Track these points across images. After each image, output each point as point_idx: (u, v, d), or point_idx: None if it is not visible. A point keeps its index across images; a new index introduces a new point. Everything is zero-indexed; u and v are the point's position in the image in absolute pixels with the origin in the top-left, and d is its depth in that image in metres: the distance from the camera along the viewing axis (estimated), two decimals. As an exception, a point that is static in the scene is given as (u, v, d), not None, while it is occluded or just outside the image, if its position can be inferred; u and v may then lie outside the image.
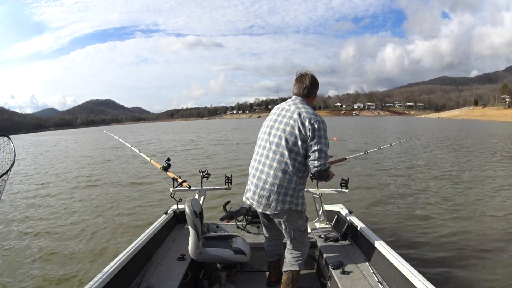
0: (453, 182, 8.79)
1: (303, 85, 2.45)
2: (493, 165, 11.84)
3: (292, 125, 2.30)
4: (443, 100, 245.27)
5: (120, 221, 6.32)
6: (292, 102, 2.43)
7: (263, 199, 2.33)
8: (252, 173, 2.43)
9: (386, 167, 11.57)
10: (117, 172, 12.39)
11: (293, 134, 2.28)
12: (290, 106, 2.41)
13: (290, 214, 2.38)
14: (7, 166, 1.71)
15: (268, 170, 2.32)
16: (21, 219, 6.82)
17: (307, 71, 2.50)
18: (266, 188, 2.31)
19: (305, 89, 2.45)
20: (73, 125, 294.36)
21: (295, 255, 2.56)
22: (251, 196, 2.41)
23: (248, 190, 2.45)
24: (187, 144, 24.49)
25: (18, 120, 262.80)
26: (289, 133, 2.30)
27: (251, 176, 2.43)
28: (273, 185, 2.29)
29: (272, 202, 2.31)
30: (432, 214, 6.09)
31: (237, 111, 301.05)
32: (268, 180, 2.30)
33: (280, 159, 2.29)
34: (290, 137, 2.29)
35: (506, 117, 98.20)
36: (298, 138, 2.27)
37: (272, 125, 2.42)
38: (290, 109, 2.38)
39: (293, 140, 2.28)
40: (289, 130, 2.30)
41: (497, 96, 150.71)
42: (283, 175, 2.28)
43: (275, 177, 2.29)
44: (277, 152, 2.31)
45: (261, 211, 2.40)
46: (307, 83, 2.45)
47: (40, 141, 44.73)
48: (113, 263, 2.31)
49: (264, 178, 2.32)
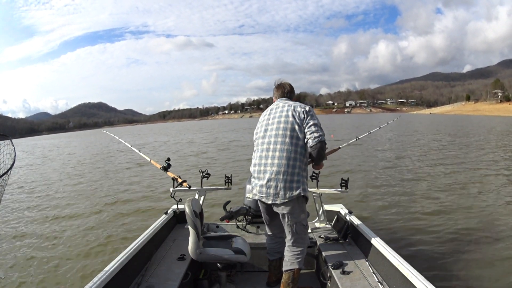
0: (454, 182, 8.75)
1: (285, 90, 2.75)
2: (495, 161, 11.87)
3: (286, 115, 2.50)
4: (435, 96, 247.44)
5: (120, 222, 6.33)
6: (281, 102, 2.67)
7: (271, 189, 2.40)
8: (256, 170, 2.52)
9: (386, 166, 11.62)
10: (118, 172, 12.42)
11: (289, 121, 2.47)
12: (278, 104, 2.65)
13: (294, 203, 2.43)
14: (7, 167, 1.69)
15: (272, 161, 2.42)
16: (21, 217, 6.94)
17: (282, 80, 2.83)
18: (272, 178, 2.40)
19: (288, 93, 2.74)
20: (66, 128, 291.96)
21: (295, 253, 2.57)
22: (259, 190, 2.48)
23: (254, 186, 2.54)
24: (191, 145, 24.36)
25: (11, 125, 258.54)
26: (284, 122, 2.48)
27: (256, 173, 2.51)
28: (278, 173, 2.39)
29: (280, 190, 2.38)
30: (432, 214, 6.07)
31: (229, 111, 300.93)
32: (274, 169, 2.40)
33: (282, 148, 2.42)
34: (287, 125, 2.46)
35: (498, 112, 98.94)
36: (295, 123, 2.45)
37: (267, 123, 2.59)
38: (279, 105, 2.62)
39: (290, 127, 2.45)
40: (284, 119, 2.49)
41: (489, 91, 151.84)
42: (287, 161, 2.39)
43: (279, 165, 2.39)
44: (278, 142, 2.44)
45: (271, 202, 2.45)
46: (288, 88, 2.77)
47: (37, 145, 44.39)
48: (113, 263, 2.30)
49: (270, 169, 2.42)
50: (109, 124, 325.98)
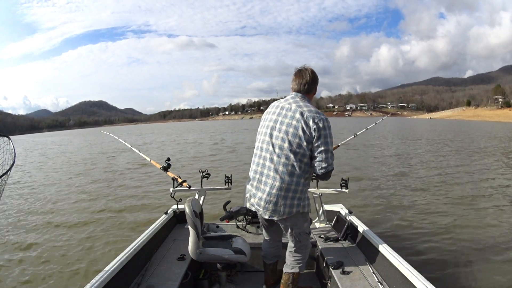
0: (454, 182, 8.81)
1: (303, 81, 2.29)
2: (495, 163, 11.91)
3: (295, 126, 2.16)
4: (435, 101, 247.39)
5: (120, 222, 6.31)
6: (293, 100, 2.27)
7: (271, 205, 2.21)
8: (256, 178, 2.29)
9: (385, 166, 11.68)
10: (118, 174, 12.34)
11: (297, 135, 2.15)
12: (290, 105, 2.25)
13: (297, 218, 2.29)
14: (7, 166, 1.69)
15: (274, 174, 2.19)
16: (21, 215, 6.93)
17: (307, 66, 2.34)
18: (273, 193, 2.18)
19: (305, 85, 2.29)
20: (66, 126, 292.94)
21: (297, 258, 2.50)
22: (257, 202, 2.27)
23: (253, 196, 2.31)
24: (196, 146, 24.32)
25: (12, 122, 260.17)
26: (292, 135, 2.16)
27: (256, 182, 2.29)
28: (280, 190, 2.17)
29: (280, 207, 2.20)
30: (432, 214, 6.08)
31: (230, 112, 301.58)
32: (275, 184, 2.17)
33: (286, 162, 2.16)
34: (294, 139, 2.15)
35: (498, 117, 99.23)
36: (303, 139, 2.14)
37: (273, 126, 2.26)
38: (291, 108, 2.23)
39: (297, 142, 2.15)
40: (292, 131, 2.16)
41: (490, 96, 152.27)
42: (290, 178, 2.17)
43: (282, 181, 2.16)
44: (282, 155, 2.17)
45: (268, 217, 2.27)
46: (308, 78, 2.29)
47: (39, 142, 44.37)
48: (113, 263, 2.30)
49: (271, 182, 2.19)
50: (109, 123, 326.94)
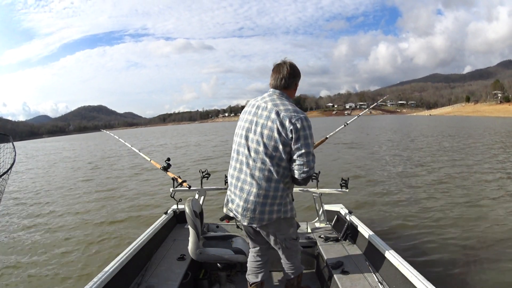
0: (455, 182, 8.70)
1: (280, 75, 2.10)
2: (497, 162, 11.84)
3: (271, 127, 1.99)
4: (435, 98, 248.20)
5: (120, 222, 6.34)
6: (269, 98, 2.09)
7: (248, 212, 2.04)
8: (232, 183, 2.14)
9: (385, 165, 11.66)
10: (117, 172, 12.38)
11: (272, 138, 1.98)
12: (266, 103, 2.07)
13: (279, 223, 2.12)
14: (8, 166, 1.69)
15: (250, 180, 2.03)
16: (21, 215, 7.02)
17: (286, 60, 2.16)
18: (250, 200, 2.02)
19: (282, 80, 2.10)
20: (66, 131, 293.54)
21: (290, 265, 2.38)
22: (235, 208, 2.12)
23: (230, 201, 2.16)
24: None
25: (11, 128, 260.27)
26: (267, 137, 1.99)
27: (232, 187, 2.14)
28: (258, 196, 2.01)
29: (259, 214, 2.04)
30: (432, 213, 6.05)
31: (229, 114, 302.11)
32: (252, 190, 2.02)
33: (262, 167, 2.00)
34: (270, 142, 1.98)
35: (498, 113, 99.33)
36: (279, 141, 1.96)
37: (248, 127, 2.08)
38: (267, 107, 2.05)
39: (273, 145, 1.98)
40: (267, 133, 1.99)
41: (489, 92, 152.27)
42: (268, 183, 2.00)
43: (259, 188, 2.00)
44: (258, 160, 2.01)
45: (247, 224, 2.10)
46: (285, 72, 2.10)
47: (39, 148, 44.49)
48: (113, 263, 2.30)
49: (248, 188, 2.03)
50: (109, 127, 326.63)
